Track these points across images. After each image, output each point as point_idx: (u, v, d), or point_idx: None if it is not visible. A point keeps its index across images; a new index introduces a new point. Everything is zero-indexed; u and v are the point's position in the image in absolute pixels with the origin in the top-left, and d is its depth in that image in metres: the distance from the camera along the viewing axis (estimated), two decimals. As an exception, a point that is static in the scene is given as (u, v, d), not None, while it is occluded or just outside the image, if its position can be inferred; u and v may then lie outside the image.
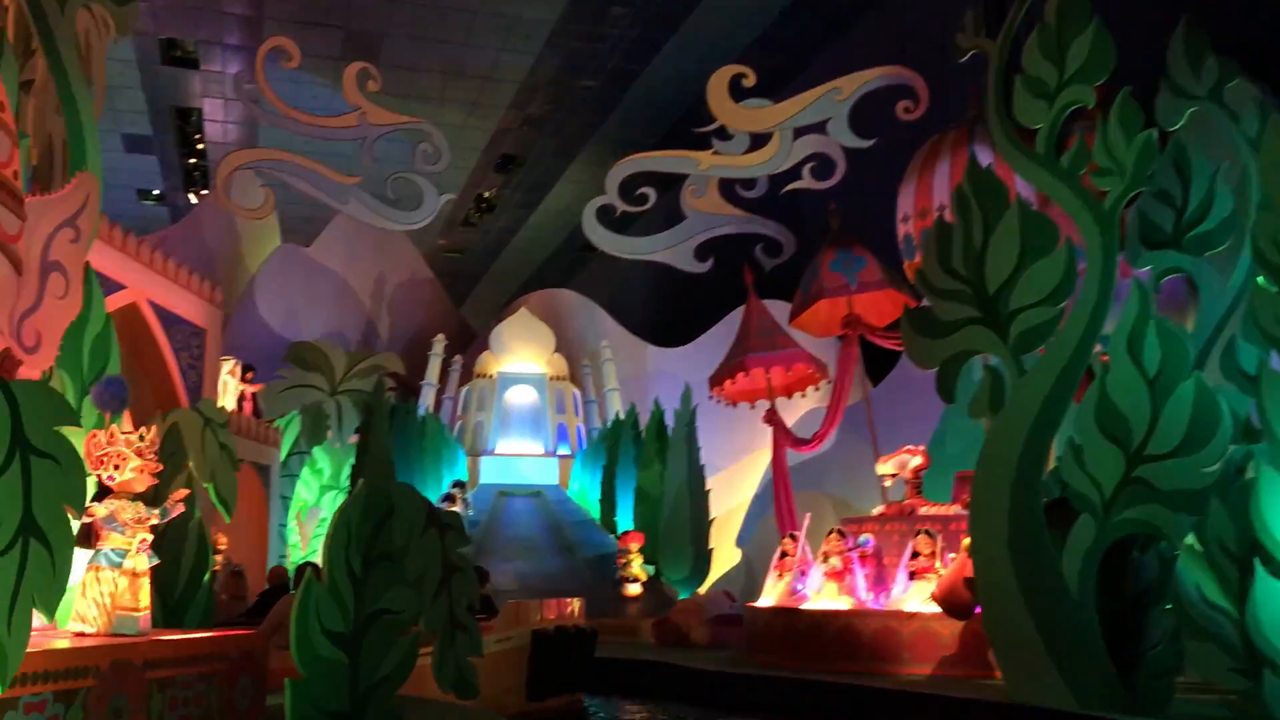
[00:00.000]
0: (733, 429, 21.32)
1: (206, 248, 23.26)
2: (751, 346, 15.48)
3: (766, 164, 21.21)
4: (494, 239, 34.78)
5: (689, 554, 17.49)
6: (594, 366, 23.90)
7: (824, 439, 15.48)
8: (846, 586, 12.15)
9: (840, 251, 14.93)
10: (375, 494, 5.94)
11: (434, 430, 19.97)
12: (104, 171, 24.63)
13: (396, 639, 5.92)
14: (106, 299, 13.35)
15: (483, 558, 17.88)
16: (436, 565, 6.36)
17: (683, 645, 14.92)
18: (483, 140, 27.61)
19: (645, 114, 26.28)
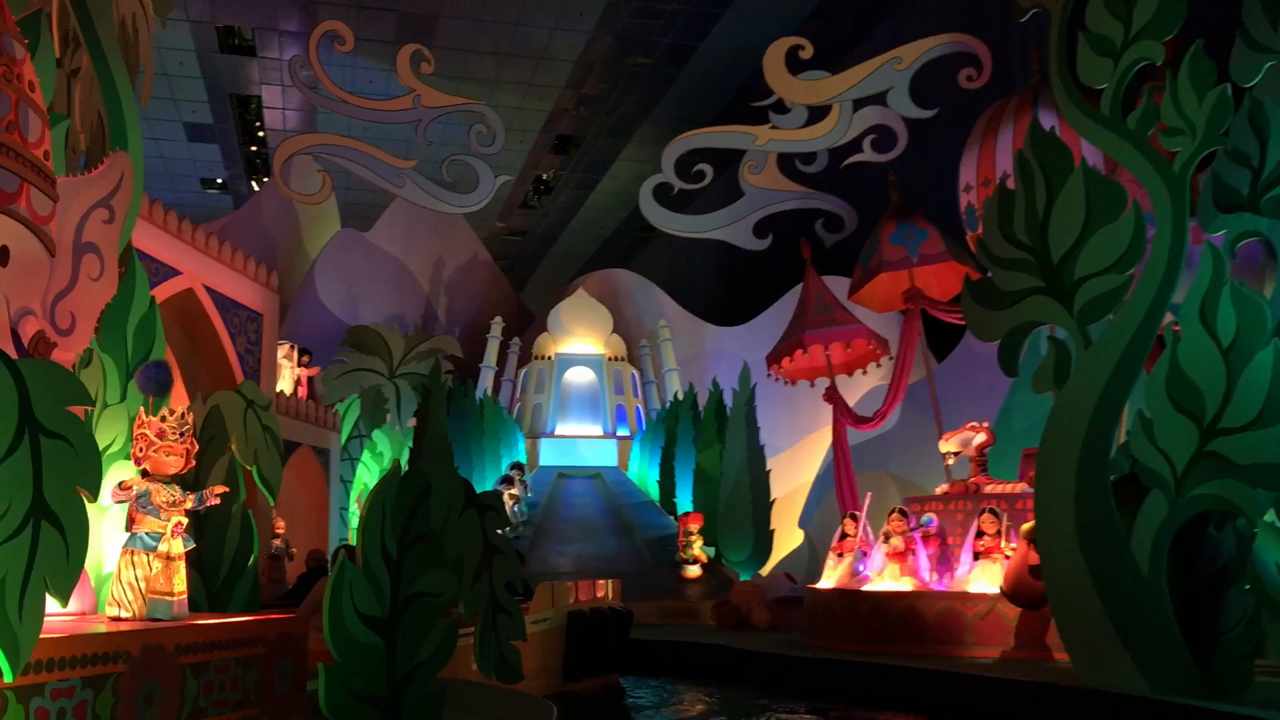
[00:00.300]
0: (794, 408, 21.01)
1: (267, 234, 23.44)
2: (809, 323, 15.15)
3: (826, 137, 20.85)
4: (553, 221, 34.65)
5: (749, 535, 17.20)
6: (652, 347, 23.69)
7: (885, 417, 15.12)
8: (909, 567, 11.85)
9: (901, 224, 14.53)
10: (411, 474, 5.80)
11: (492, 413, 19.91)
12: (167, 161, 24.92)
13: (435, 622, 5.78)
14: (162, 285, 13.53)
15: (541, 540, 17.85)
16: (477, 546, 6.21)
17: (743, 628, 14.72)
18: (539, 121, 27.43)
19: (702, 90, 25.93)
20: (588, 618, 10.30)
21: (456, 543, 5.99)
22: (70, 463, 4.13)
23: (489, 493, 6.42)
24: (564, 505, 19.60)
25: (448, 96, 20.51)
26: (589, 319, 22.99)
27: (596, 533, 18.33)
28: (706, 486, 18.19)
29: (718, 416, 18.56)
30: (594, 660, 10.52)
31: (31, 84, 5.90)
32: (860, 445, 19.05)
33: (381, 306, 23.09)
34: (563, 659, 10.10)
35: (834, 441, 15.66)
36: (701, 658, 12.86)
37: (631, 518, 19.05)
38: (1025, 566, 9.96)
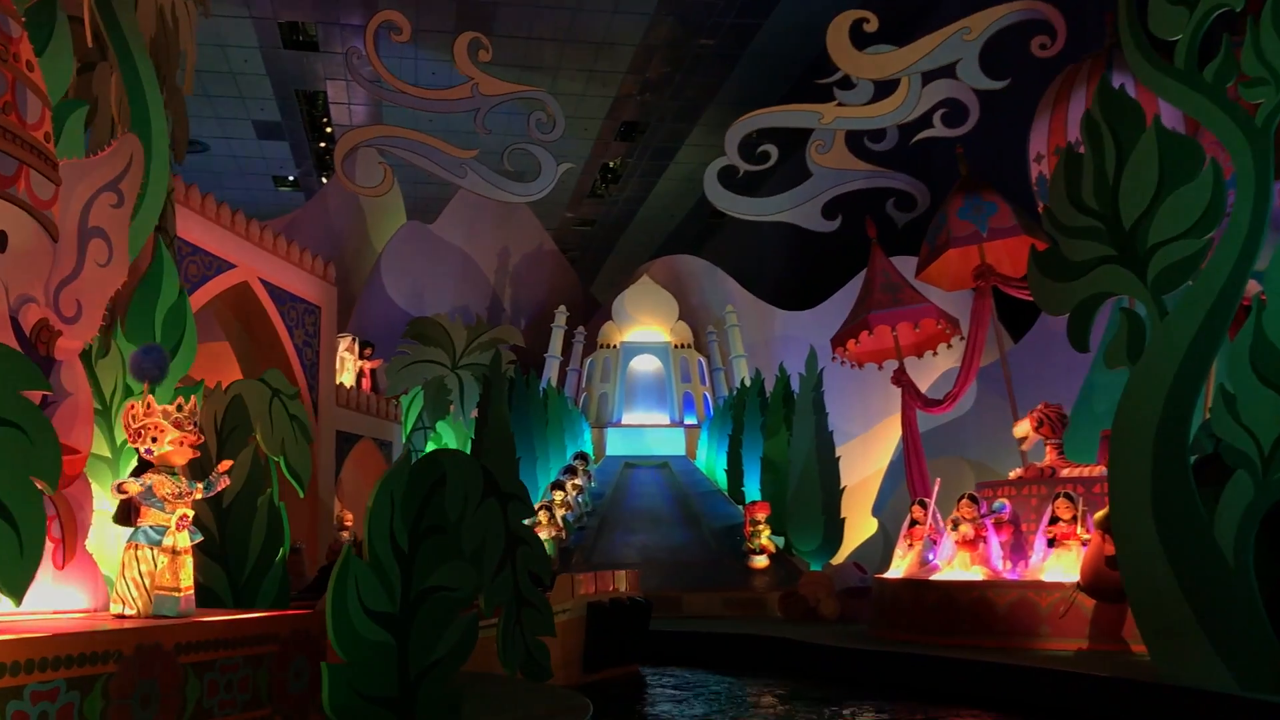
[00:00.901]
0: (865, 393, 20.42)
1: (333, 229, 23.52)
2: (875, 303, 14.58)
3: (894, 113, 20.26)
4: (621, 209, 34.36)
5: (819, 524, 16.74)
6: (719, 333, 23.24)
7: (956, 399, 14.49)
8: (980, 555, 11.29)
9: (969, 197, 13.87)
10: (423, 462, 5.50)
11: (555, 403, 19.66)
12: (239, 160, 25.05)
13: (452, 618, 5.48)
14: (216, 278, 13.50)
15: (606, 530, 17.57)
16: (498, 537, 5.90)
17: (811, 619, 14.26)
18: (603, 109, 27.13)
19: (767, 70, 25.38)
20: (607, 609, 10.27)
21: (475, 534, 5.68)
22: (25, 452, 3.90)
23: (513, 480, 6.08)
24: (630, 495, 19.28)
25: (506, 84, 20.31)
26: (654, 306, 22.63)
27: (662, 523, 17.99)
28: (774, 475, 17.74)
29: (785, 403, 18.08)
30: (614, 651, 10.50)
31: (30, 63, 5.72)
32: (934, 430, 18.42)
33: (447, 298, 23.00)
34: (583, 650, 10.05)
35: (903, 426, 15.07)
36: (760, 650, 12.43)
37: (698, 507, 18.67)
38: (1102, 557, 9.38)
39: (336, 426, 15.59)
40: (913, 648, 10.74)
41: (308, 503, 14.94)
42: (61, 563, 5.65)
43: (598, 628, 10.15)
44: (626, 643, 10.83)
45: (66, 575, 5.67)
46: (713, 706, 9.75)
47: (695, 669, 11.85)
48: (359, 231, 24.02)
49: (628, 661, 11.02)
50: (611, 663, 10.48)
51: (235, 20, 22.49)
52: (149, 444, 5.56)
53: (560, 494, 16.72)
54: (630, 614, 10.74)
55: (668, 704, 9.88)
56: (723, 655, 12.52)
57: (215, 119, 27.40)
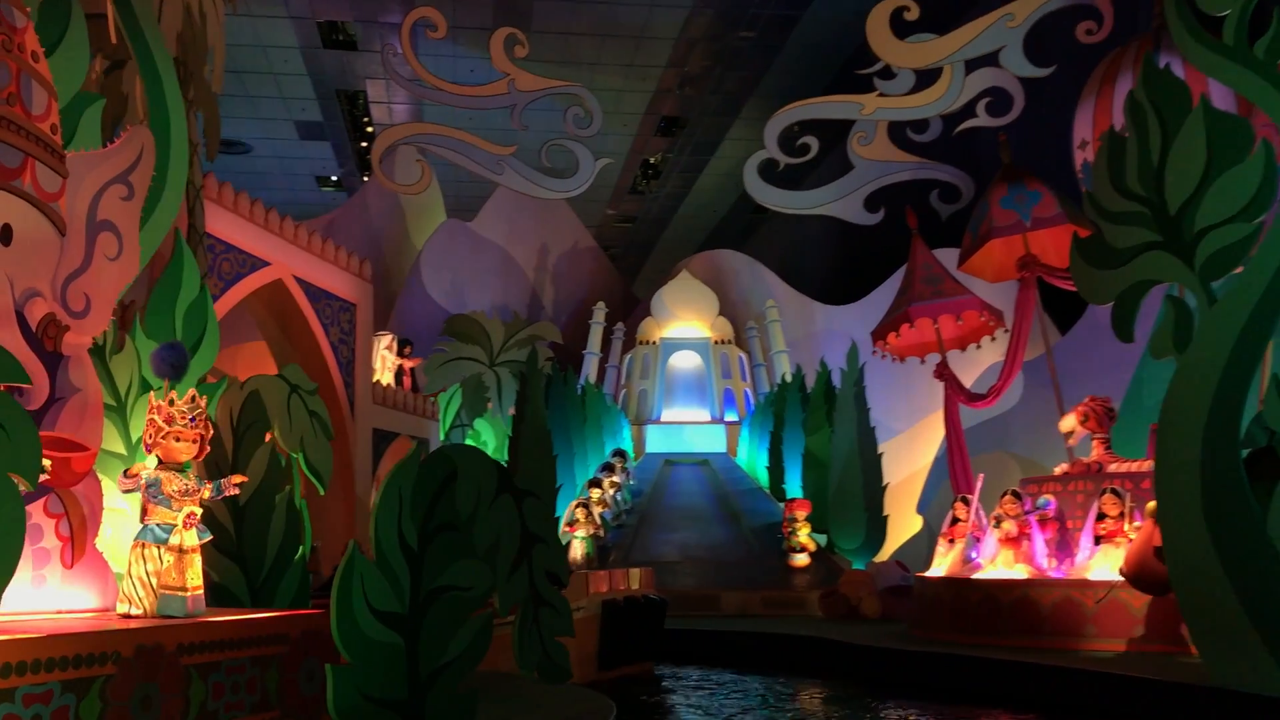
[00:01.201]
0: (910, 388, 20.09)
1: (373, 227, 23.53)
2: (916, 295, 14.26)
3: (937, 103, 19.88)
4: (663, 205, 34.14)
5: (861, 522, 16.42)
6: (760, 328, 22.96)
7: (1000, 393, 14.13)
8: (1024, 553, 10.98)
9: (1012, 186, 13.51)
10: (433, 458, 5.34)
11: (594, 399, 19.49)
12: (282, 161, 25.10)
13: (464, 618, 5.32)
14: (250, 276, 13.47)
15: (645, 528, 17.40)
16: (513, 535, 5.73)
17: (852, 619, 13.99)
18: (642, 103, 26.91)
19: (808, 63, 25.04)
20: (622, 607, 10.34)
21: (489, 531, 5.52)
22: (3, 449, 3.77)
23: (530, 477, 5.91)
24: (669, 492, 19.09)
25: (543, 79, 20.20)
26: (693, 301, 22.40)
27: (702, 520, 17.77)
28: (816, 471, 17.46)
29: (826, 398, 17.79)
30: (629, 649, 10.54)
31: (35, 54, 5.64)
32: (980, 425, 18.05)
33: (487, 295, 22.92)
34: (598, 648, 10.08)
35: (946, 421, 14.73)
36: (797, 650, 12.19)
37: (738, 505, 18.43)
38: (1150, 547, 9.02)
39: (374, 424, 15.53)
40: (954, 648, 10.46)
41: (343, 501, 14.92)
42: (70, 561, 5.56)
43: (612, 626, 10.20)
44: (641, 640, 10.86)
45: (76, 574, 5.58)
46: (748, 708, 9.53)
47: (731, 670, 11.65)
48: (399, 230, 24.03)
49: (643, 659, 11.03)
50: (626, 660, 10.51)
51: (274, 20, 22.56)
52: (158, 439, 5.45)
53: (598, 491, 16.56)
54: (645, 612, 10.79)
55: (703, 702, 9.70)
56: (760, 655, 12.31)
57: (257, 120, 27.54)
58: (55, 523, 5.50)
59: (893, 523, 17.43)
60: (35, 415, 5.46)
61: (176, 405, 5.49)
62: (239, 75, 24.84)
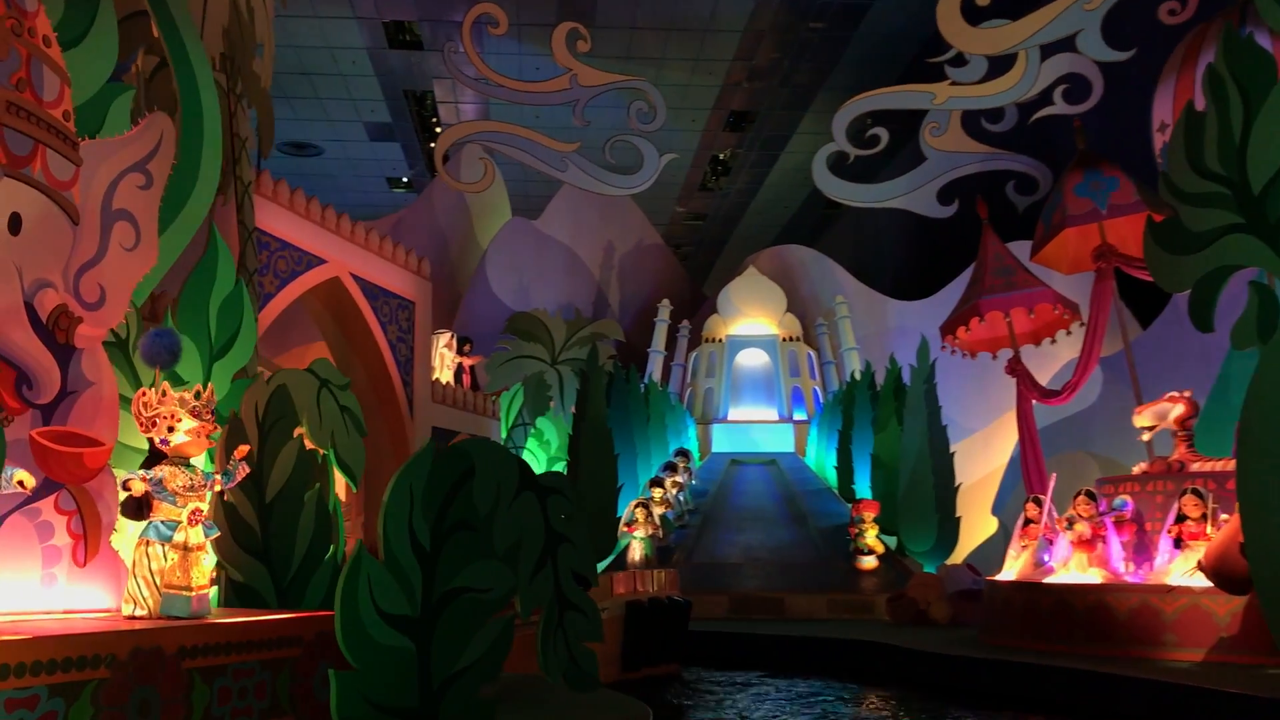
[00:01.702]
0: (986, 386, 19.43)
1: (439, 227, 23.52)
2: (987, 288, 13.71)
3: (1011, 90, 19.23)
4: (733, 202, 33.71)
5: (932, 523, 15.89)
6: (829, 325, 22.45)
7: (1076, 390, 13.52)
8: (1098, 557, 10.43)
9: (1088, 172, 12.93)
10: (449, 453, 5.09)
11: (657, 398, 19.19)
12: (353, 162, 25.13)
13: (482, 622, 5.05)
14: (306, 274, 13.42)
15: (708, 528, 17.07)
16: (536, 535, 5.45)
17: (921, 623, 13.50)
18: (710, 98, 26.55)
19: (879, 53, 24.46)
20: (646, 608, 10.46)
21: (509, 531, 5.24)
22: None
23: (551, 474, 5.63)
24: (735, 493, 18.71)
25: (606, 74, 19.94)
26: (761, 298, 21.96)
27: (767, 521, 17.37)
28: (885, 471, 16.95)
29: (896, 396, 17.26)
30: (653, 650, 10.66)
31: (47, 39, 5.51)
32: (1058, 424, 17.41)
33: (552, 294, 22.74)
34: (621, 649, 10.21)
35: (1019, 418, 14.15)
36: (860, 655, 11.76)
37: (806, 506, 17.98)
38: (1236, 542, 8.38)
39: (433, 423, 15.41)
40: (1023, 655, 9.95)
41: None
42: (83, 560, 5.42)
43: (637, 626, 10.33)
44: (666, 641, 10.94)
45: (88, 574, 5.43)
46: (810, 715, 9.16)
47: (793, 676, 11.26)
48: (465, 229, 23.98)
49: (667, 660, 11.09)
50: (650, 661, 10.61)
51: (341, 21, 22.67)
52: (164, 434, 5.27)
53: (659, 491, 16.26)
54: (669, 613, 10.88)
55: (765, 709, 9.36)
56: (823, 660, 11.90)
57: (327, 122, 27.76)
58: (66, 520, 5.36)
59: (966, 524, 16.87)
60: (45, 410, 5.34)
61: (181, 396, 5.30)
62: (308, 77, 25.09)
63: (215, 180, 7.57)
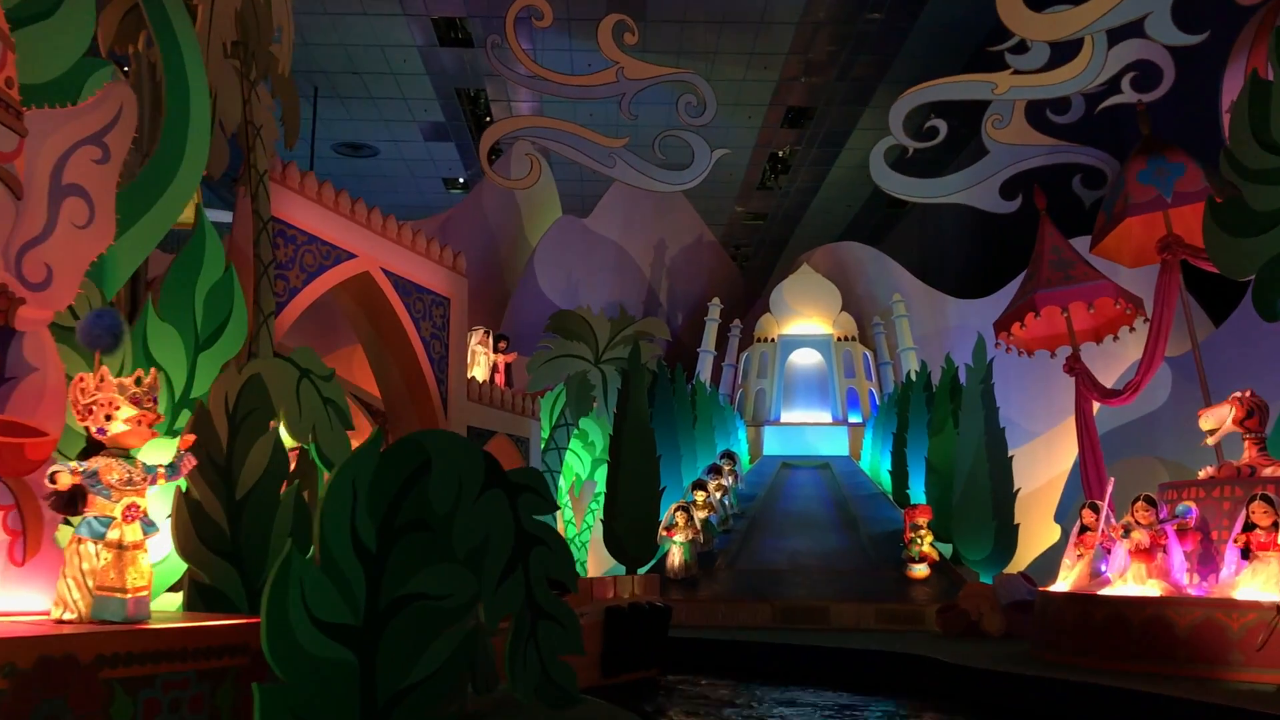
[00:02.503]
0: (1049, 387, 18.57)
1: (488, 225, 23.24)
2: (1043, 281, 12.95)
3: (1077, 79, 18.45)
4: (793, 201, 32.99)
5: (989, 531, 15.08)
6: (886, 324, 21.69)
7: (1138, 390, 12.71)
8: (1158, 567, 9.67)
9: (1151, 159, 12.15)
10: (400, 446, 4.63)
11: (705, 400, 18.62)
12: (409, 164, 24.95)
13: (438, 632, 4.58)
14: (335, 268, 13.12)
15: (754, 533, 16.51)
16: (505, 536, 4.97)
17: (972, 636, 12.79)
18: (766, 94, 25.92)
19: (940, 44, 23.67)
20: (626, 613, 10.47)
21: (473, 531, 4.76)
22: None
23: (524, 470, 5.14)
24: (784, 497, 18.09)
25: (653, 67, 19.50)
26: (814, 296, 21.29)
27: (816, 527, 16.72)
28: (940, 476, 16.21)
29: (952, 397, 16.52)
30: (633, 655, 10.66)
31: (-13, 5, 5.18)
32: (1123, 427, 16.54)
33: (602, 293, 22.31)
34: (601, 654, 10.21)
35: (1078, 420, 13.37)
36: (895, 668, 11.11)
37: (857, 511, 17.30)
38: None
39: (468, 422, 15.04)
40: (1074, 673, 9.24)
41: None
42: (21, 559, 5.06)
43: (616, 632, 10.33)
44: (645, 647, 10.95)
45: (26, 573, 5.08)
46: None
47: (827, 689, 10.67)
48: (514, 228, 23.67)
49: (647, 666, 11.06)
50: (630, 667, 10.60)
51: (390, 19, 22.51)
52: (101, 422, 4.89)
53: (702, 494, 15.71)
54: (649, 619, 10.87)
55: None
56: (862, 673, 11.27)
57: (381, 122, 27.67)
58: (3, 515, 5.01)
59: (1027, 532, 16.06)
60: (-21, 396, 5.01)
61: (120, 382, 4.92)
62: (359, 76, 24.99)
63: (202, 162, 7.25)
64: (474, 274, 22.39)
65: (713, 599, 14.38)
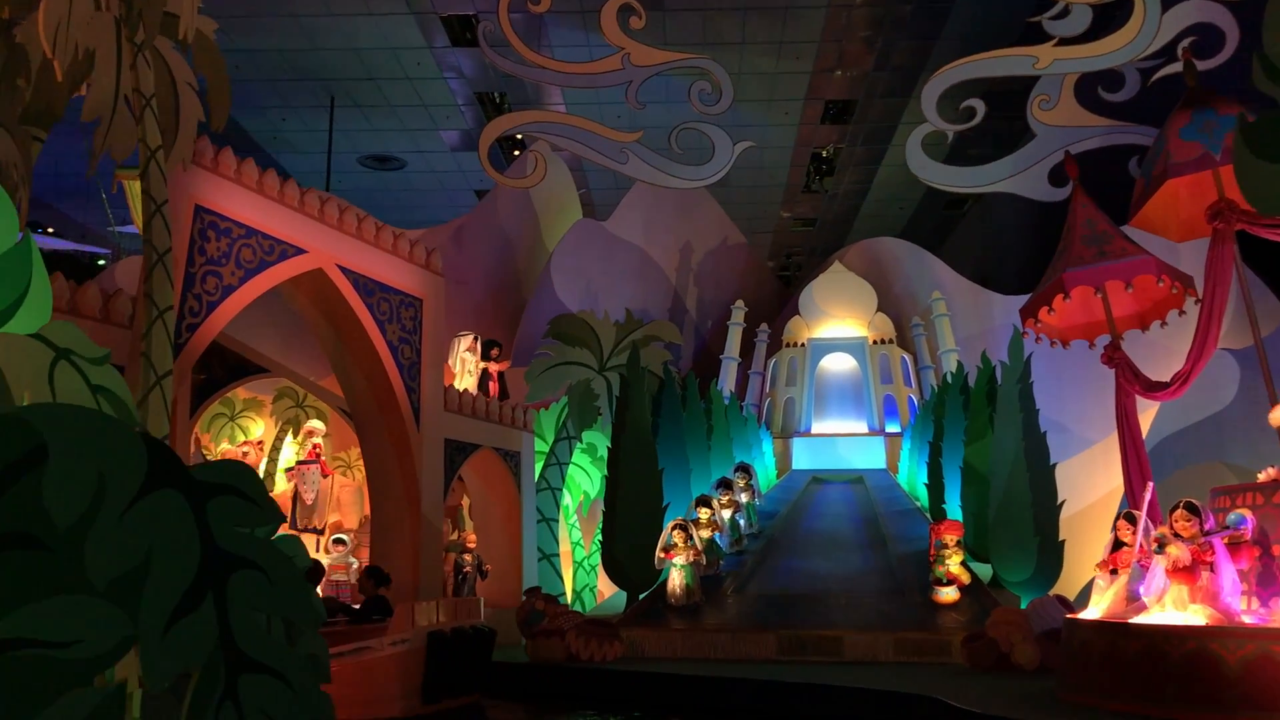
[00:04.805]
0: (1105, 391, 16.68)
1: (504, 231, 22.04)
2: (1073, 258, 11.23)
3: (1128, 47, 16.77)
4: (841, 204, 31.27)
5: (1030, 549, 13.29)
6: (926, 325, 19.93)
7: (1188, 381, 10.90)
8: (1203, 589, 7.93)
9: (1197, 112, 10.41)
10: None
11: (721, 408, 17.04)
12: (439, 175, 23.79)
13: (49, 692, 3.19)
14: (280, 264, 11.96)
15: (770, 554, 14.95)
16: (182, 557, 3.55)
17: (1002, 669, 11.06)
18: (801, 87, 24.34)
19: (984, 26, 21.90)
20: (449, 638, 10.18)
21: (123, 550, 3.38)
22: None
23: (223, 464, 3.73)
24: (810, 514, 16.45)
25: (662, 52, 18.15)
26: (848, 296, 19.64)
27: (841, 547, 15.06)
28: (977, 488, 14.46)
29: (990, 400, 14.77)
30: (455, 681, 10.38)
31: None
32: (1187, 430, 14.72)
33: (623, 299, 20.93)
34: (423, 680, 9.89)
35: (1118, 417, 11.60)
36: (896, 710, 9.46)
37: (889, 529, 15.59)
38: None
39: (445, 434, 13.76)
40: (1102, 716, 7.56)
41: (408, 520, 13.21)
42: None
43: (438, 657, 10.00)
44: (468, 672, 10.68)
45: None
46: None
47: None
48: (531, 233, 22.43)
49: (469, 691, 10.75)
50: (452, 693, 10.31)
51: (397, 18, 21.51)
52: None
53: (707, 511, 14.16)
54: (472, 643, 10.62)
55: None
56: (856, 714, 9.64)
57: (404, 131, 26.72)
58: None
59: (1083, 551, 14.28)
60: None
61: None
62: (375, 83, 24.05)
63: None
64: (489, 282, 21.22)
65: (715, 628, 12.84)
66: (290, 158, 27.89)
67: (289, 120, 25.91)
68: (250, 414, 18.96)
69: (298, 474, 17.76)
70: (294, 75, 23.58)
